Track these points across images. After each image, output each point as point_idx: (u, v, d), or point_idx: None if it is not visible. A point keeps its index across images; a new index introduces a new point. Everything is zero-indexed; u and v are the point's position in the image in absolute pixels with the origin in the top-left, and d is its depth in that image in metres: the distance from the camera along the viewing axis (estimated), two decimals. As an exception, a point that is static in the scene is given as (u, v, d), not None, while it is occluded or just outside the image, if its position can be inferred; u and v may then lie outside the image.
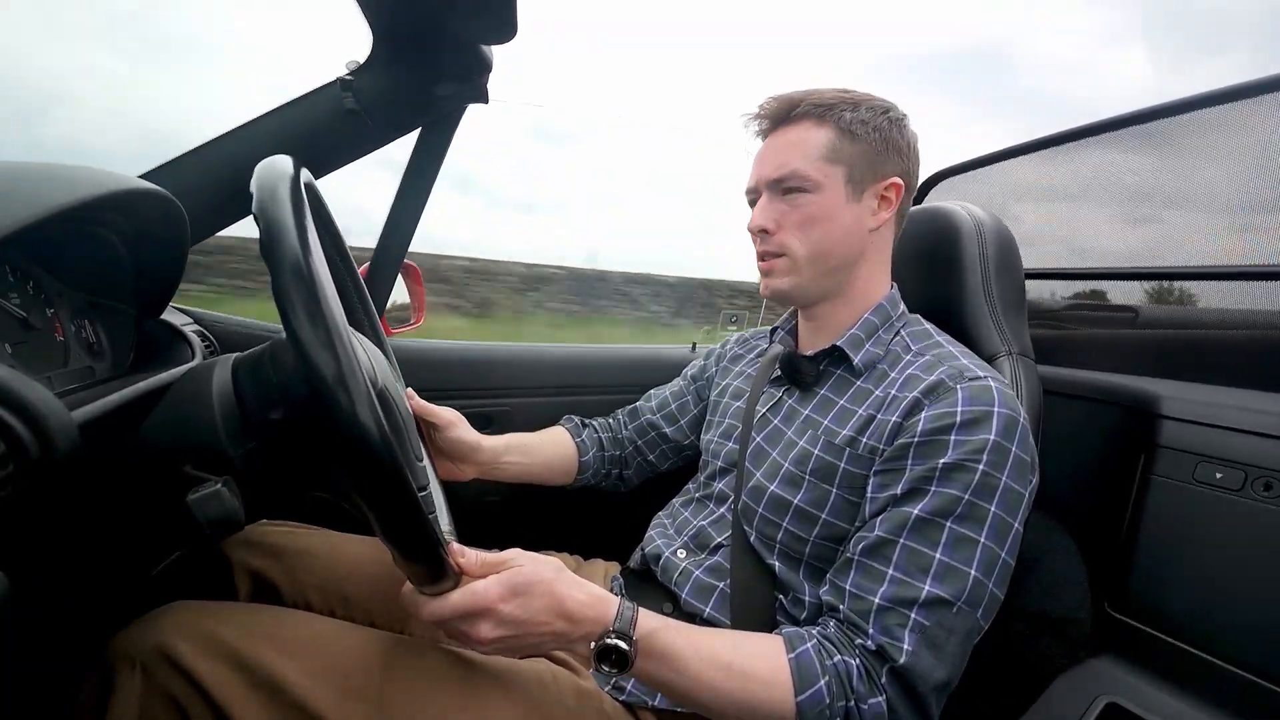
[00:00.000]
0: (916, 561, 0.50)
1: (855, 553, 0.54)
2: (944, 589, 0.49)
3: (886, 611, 0.50)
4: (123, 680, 0.47)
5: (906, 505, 0.52)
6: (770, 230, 0.64)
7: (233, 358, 0.51)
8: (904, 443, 0.55)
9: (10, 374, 0.32)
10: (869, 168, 0.62)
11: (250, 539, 0.67)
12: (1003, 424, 0.53)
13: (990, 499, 0.51)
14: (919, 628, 0.49)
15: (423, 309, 1.11)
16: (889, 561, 0.51)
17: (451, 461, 0.75)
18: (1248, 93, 0.76)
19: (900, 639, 0.49)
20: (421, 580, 0.45)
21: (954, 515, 0.51)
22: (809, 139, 0.62)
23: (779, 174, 0.63)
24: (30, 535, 0.43)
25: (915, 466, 0.53)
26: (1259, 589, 0.62)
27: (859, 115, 0.62)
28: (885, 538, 0.52)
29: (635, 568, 0.77)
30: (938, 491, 0.51)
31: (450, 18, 0.71)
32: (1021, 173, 1.10)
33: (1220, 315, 0.86)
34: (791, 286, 0.65)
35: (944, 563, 0.50)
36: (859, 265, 0.65)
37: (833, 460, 0.60)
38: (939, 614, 0.49)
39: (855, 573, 0.53)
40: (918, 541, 0.51)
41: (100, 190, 0.48)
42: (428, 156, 0.92)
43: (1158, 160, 0.92)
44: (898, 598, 0.50)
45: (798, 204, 0.63)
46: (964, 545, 0.50)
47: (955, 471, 0.51)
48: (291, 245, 0.36)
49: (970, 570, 0.49)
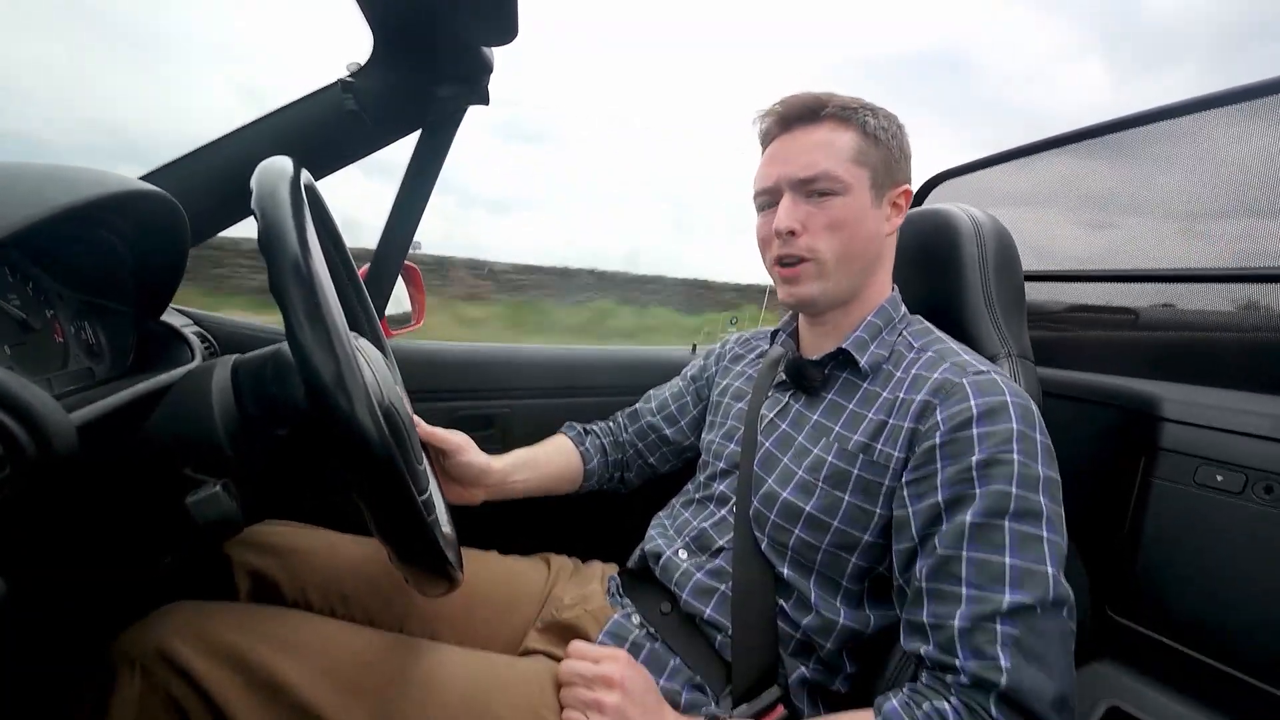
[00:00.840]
0: (987, 571, 0.47)
1: (923, 580, 0.51)
2: (1025, 594, 0.46)
3: (970, 633, 0.46)
4: (122, 681, 0.48)
5: (957, 514, 0.50)
6: (797, 232, 0.62)
7: (232, 359, 0.51)
8: (928, 446, 0.53)
9: (9, 376, 0.32)
10: (888, 173, 0.62)
11: (250, 539, 0.67)
12: (1020, 412, 0.52)
13: (1036, 489, 0.49)
14: (1010, 640, 0.45)
15: (423, 311, 1.11)
16: (959, 580, 0.48)
17: (461, 486, 0.75)
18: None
19: (994, 656, 0.44)
20: (421, 582, 0.45)
21: (1009, 513, 0.48)
22: (838, 140, 0.61)
23: (809, 174, 0.61)
24: (29, 537, 0.43)
25: (947, 467, 0.52)
26: (1260, 592, 0.62)
27: (879, 121, 0.62)
28: (947, 555, 0.49)
29: (634, 567, 0.77)
30: (983, 492, 0.49)
31: (451, 19, 0.71)
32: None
33: (1221, 317, 0.86)
34: (820, 293, 0.63)
35: (1017, 566, 0.47)
36: (875, 270, 0.65)
37: (846, 467, 0.59)
38: (1027, 621, 0.45)
39: (929, 602, 0.50)
40: (982, 550, 0.48)
41: (100, 191, 0.48)
42: (428, 158, 0.92)
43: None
44: (978, 615, 0.46)
45: (827, 206, 0.61)
46: (1030, 543, 0.48)
47: (991, 466, 0.50)
48: (291, 246, 0.36)
49: (1046, 568, 0.47)
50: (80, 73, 47.36)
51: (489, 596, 0.73)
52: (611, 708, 0.53)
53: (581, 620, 0.69)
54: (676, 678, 0.62)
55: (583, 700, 0.55)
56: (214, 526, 0.43)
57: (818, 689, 0.61)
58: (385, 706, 0.51)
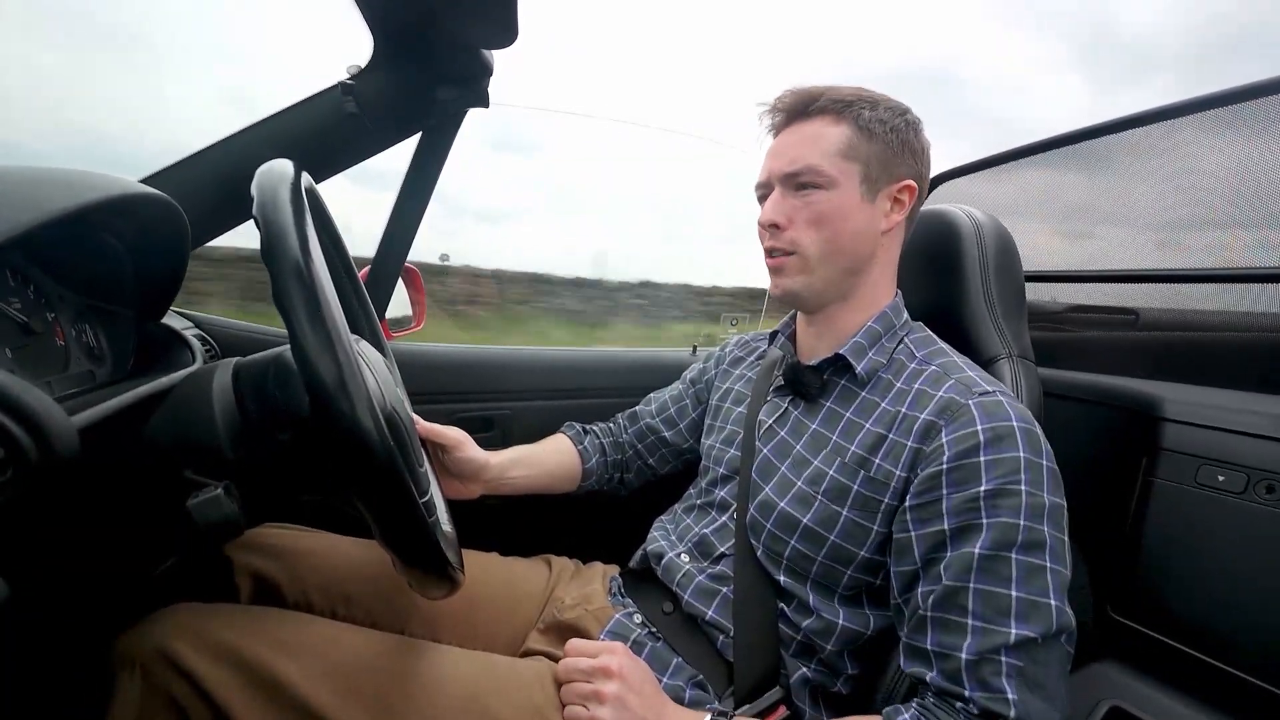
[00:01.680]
0: (994, 604, 0.48)
1: (927, 608, 0.51)
2: (1029, 628, 0.47)
3: (977, 665, 0.47)
4: (123, 682, 0.48)
5: (965, 545, 0.50)
6: (781, 225, 0.62)
7: (233, 362, 0.52)
8: (933, 471, 0.53)
9: (10, 379, 0.32)
10: (884, 168, 0.61)
11: (252, 541, 0.67)
12: (1026, 439, 0.52)
13: (1042, 520, 0.49)
14: (1015, 671, 0.46)
15: (423, 313, 1.11)
16: (965, 611, 0.48)
17: (459, 481, 0.75)
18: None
19: (1001, 689, 0.46)
20: (422, 584, 0.45)
21: (1016, 545, 0.49)
22: (826, 134, 0.61)
23: (793, 168, 0.61)
24: (31, 539, 0.43)
25: (953, 495, 0.51)
26: (1261, 592, 0.62)
27: (877, 114, 0.61)
28: (954, 585, 0.49)
29: (635, 568, 0.76)
30: (991, 523, 0.49)
31: (451, 21, 0.71)
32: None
33: (1222, 317, 0.86)
34: (803, 287, 0.63)
35: (1022, 599, 0.47)
36: (869, 269, 0.64)
37: (846, 482, 0.59)
38: (1030, 653, 0.46)
39: (934, 630, 0.50)
40: (989, 582, 0.48)
41: (101, 194, 0.49)
42: (429, 160, 0.92)
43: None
44: (985, 648, 0.47)
45: (810, 200, 0.61)
46: (1035, 575, 0.48)
47: (999, 497, 0.50)
48: (292, 250, 0.36)
49: (1049, 600, 0.47)
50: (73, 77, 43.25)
51: (490, 598, 0.73)
52: (611, 696, 0.53)
53: (583, 620, 0.69)
54: (679, 675, 0.62)
55: (582, 693, 0.55)
56: (215, 529, 0.43)
57: (819, 690, 0.61)
58: (386, 707, 0.51)
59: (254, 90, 52.75)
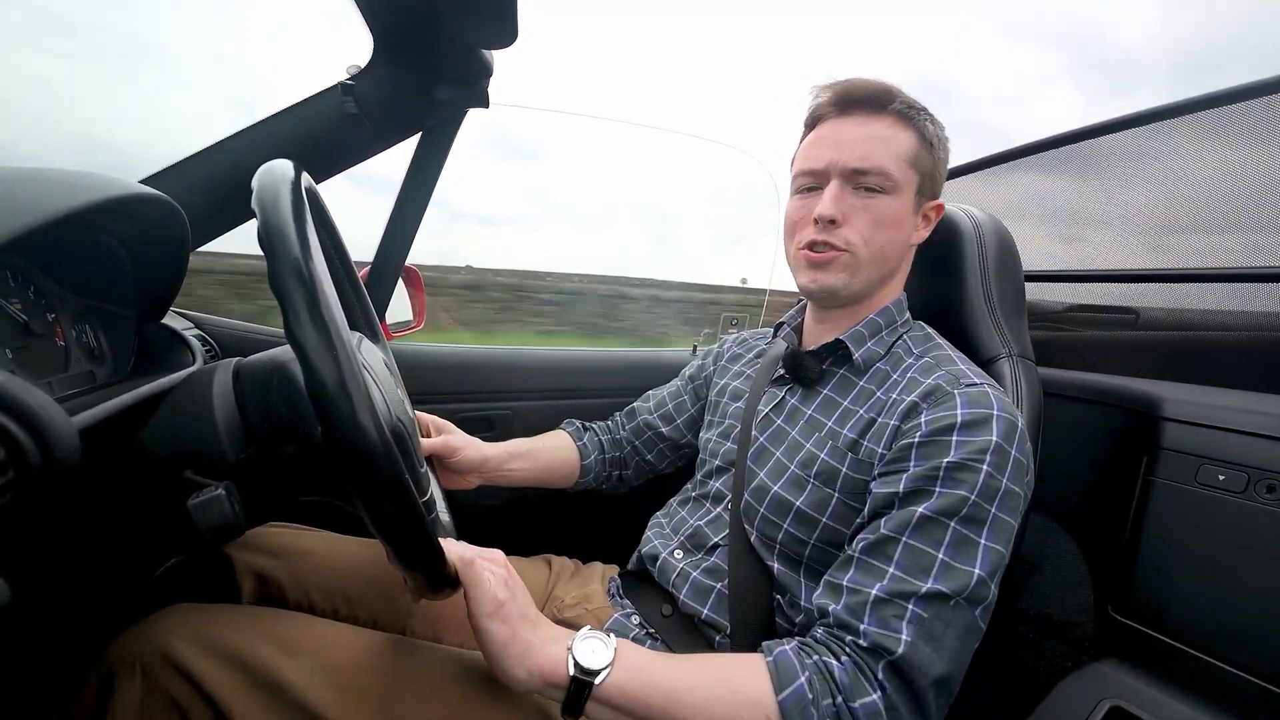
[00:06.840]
0: (918, 561, 0.49)
1: (856, 550, 0.53)
2: (944, 585, 0.48)
3: (883, 604, 0.49)
4: (123, 682, 0.48)
5: (912, 504, 0.51)
6: (838, 222, 0.60)
7: (234, 362, 0.52)
8: (905, 444, 0.54)
9: (10, 379, 0.32)
10: (932, 183, 0.62)
11: (254, 541, 0.67)
12: (1003, 427, 0.52)
13: (992, 501, 0.50)
14: (916, 619, 0.47)
15: (423, 313, 1.11)
16: (890, 560, 0.50)
17: (458, 473, 0.76)
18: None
19: (897, 630, 0.47)
20: (422, 586, 0.45)
21: (959, 516, 0.50)
22: (898, 138, 0.59)
23: (863, 165, 0.59)
24: (31, 540, 0.43)
25: (917, 465, 0.52)
26: (1262, 592, 0.62)
27: (936, 129, 0.61)
28: (888, 535, 0.51)
29: (633, 569, 0.77)
30: (943, 492, 0.51)
31: (451, 22, 0.71)
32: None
33: (1221, 317, 0.86)
34: (843, 285, 0.62)
35: (946, 562, 0.49)
36: (895, 276, 0.65)
37: (836, 465, 0.59)
38: (937, 607, 0.48)
39: (855, 570, 0.52)
40: (921, 540, 0.50)
41: (101, 195, 0.49)
42: (429, 160, 0.93)
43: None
44: (896, 591, 0.49)
45: (873, 203, 0.59)
46: (967, 546, 0.49)
47: (959, 471, 0.51)
48: (292, 250, 0.36)
49: (973, 569, 0.49)
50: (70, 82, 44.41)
51: None
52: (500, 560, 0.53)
53: (583, 619, 0.69)
54: None
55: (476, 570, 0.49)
56: (215, 529, 0.43)
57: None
58: (386, 707, 0.51)
59: (254, 90, 52.91)
